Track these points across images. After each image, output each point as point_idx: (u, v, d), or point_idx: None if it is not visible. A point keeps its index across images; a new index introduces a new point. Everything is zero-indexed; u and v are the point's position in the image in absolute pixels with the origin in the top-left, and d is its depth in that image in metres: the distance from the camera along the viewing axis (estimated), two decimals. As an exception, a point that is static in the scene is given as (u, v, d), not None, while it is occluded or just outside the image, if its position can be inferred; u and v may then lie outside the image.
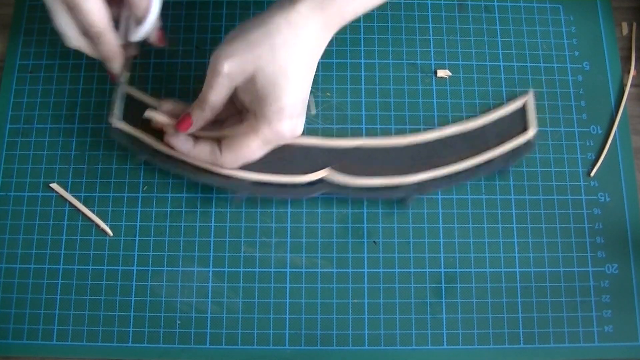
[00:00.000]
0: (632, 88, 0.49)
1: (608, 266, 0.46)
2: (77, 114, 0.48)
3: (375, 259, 0.45)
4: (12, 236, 0.46)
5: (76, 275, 0.45)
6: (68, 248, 0.46)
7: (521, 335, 0.44)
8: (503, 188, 0.47)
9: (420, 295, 0.45)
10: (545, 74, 0.49)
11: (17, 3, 0.51)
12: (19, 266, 0.45)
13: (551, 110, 0.49)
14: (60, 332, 0.44)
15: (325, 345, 0.44)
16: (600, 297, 0.45)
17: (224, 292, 0.45)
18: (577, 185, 0.47)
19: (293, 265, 0.45)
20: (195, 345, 0.44)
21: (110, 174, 0.47)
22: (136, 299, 0.45)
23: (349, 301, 0.45)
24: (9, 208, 0.47)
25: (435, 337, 0.44)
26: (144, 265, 0.45)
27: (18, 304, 0.45)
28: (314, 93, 0.49)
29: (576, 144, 0.48)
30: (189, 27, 0.50)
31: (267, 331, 0.44)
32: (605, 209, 0.47)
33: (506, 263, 0.45)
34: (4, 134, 0.48)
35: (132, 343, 0.44)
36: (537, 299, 0.45)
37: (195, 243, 0.46)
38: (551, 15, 0.51)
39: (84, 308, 0.44)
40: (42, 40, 0.50)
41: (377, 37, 0.50)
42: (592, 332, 0.44)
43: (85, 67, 0.49)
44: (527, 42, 0.50)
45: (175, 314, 0.44)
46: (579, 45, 0.50)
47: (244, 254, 0.46)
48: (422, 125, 0.48)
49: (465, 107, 0.48)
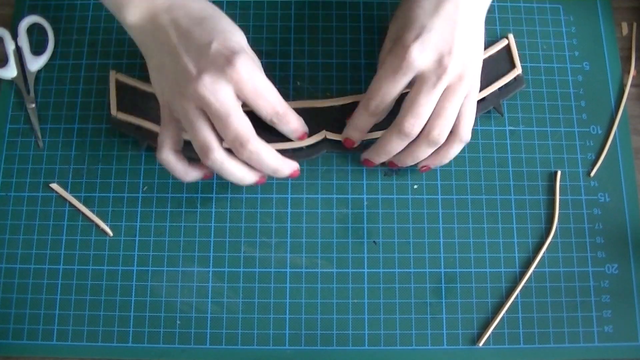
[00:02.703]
0: (632, 88, 0.49)
1: (608, 266, 0.46)
2: (77, 114, 0.48)
3: (375, 259, 0.45)
4: (12, 236, 0.46)
5: (76, 275, 0.45)
6: (68, 248, 0.46)
7: (521, 335, 0.44)
8: (503, 188, 0.47)
9: (420, 295, 0.45)
10: (545, 74, 0.49)
11: (17, 3, 0.51)
12: (19, 266, 0.45)
13: (551, 110, 0.49)
14: (60, 332, 0.44)
15: (325, 345, 0.44)
16: (600, 297, 0.45)
17: (224, 292, 0.45)
18: (577, 185, 0.47)
19: (293, 265, 0.45)
20: (195, 345, 0.44)
21: (110, 174, 0.47)
22: (136, 299, 0.45)
23: (349, 301, 0.45)
24: (9, 208, 0.47)
25: (435, 337, 0.44)
26: (144, 265, 0.45)
27: (18, 304, 0.45)
28: (314, 93, 0.49)
29: (576, 144, 0.48)
30: (189, 27, 0.50)
31: (267, 331, 0.44)
32: (605, 209, 0.47)
33: (506, 263, 0.45)
34: (4, 134, 0.48)
35: (132, 343, 0.44)
36: (537, 299, 0.45)
37: (195, 243, 0.46)
38: (551, 15, 0.51)
39: (84, 308, 0.44)
40: (41, 40, 0.50)
41: (377, 38, 0.50)
42: (592, 332, 0.44)
43: (85, 68, 0.50)
44: (527, 42, 0.50)
45: (175, 314, 0.44)
46: (579, 45, 0.50)
47: (244, 254, 0.46)
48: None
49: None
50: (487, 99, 0.47)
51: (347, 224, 0.46)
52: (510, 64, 0.48)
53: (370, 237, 0.46)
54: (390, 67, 0.40)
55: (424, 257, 0.45)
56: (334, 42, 0.50)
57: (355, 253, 0.46)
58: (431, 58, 0.39)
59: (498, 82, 0.47)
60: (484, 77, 0.46)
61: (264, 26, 0.51)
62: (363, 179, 0.47)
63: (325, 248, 0.46)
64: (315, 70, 0.49)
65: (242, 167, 0.41)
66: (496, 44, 0.49)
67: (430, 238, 0.46)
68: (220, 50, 0.38)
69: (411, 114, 0.40)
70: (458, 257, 0.45)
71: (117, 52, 0.50)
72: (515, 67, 0.48)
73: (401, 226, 0.46)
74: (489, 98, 0.47)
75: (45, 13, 0.50)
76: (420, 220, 0.46)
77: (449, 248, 0.46)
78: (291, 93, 0.49)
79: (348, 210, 0.46)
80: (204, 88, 0.38)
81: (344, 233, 0.46)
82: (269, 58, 0.49)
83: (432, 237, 0.46)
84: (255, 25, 0.50)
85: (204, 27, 0.40)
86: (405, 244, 0.46)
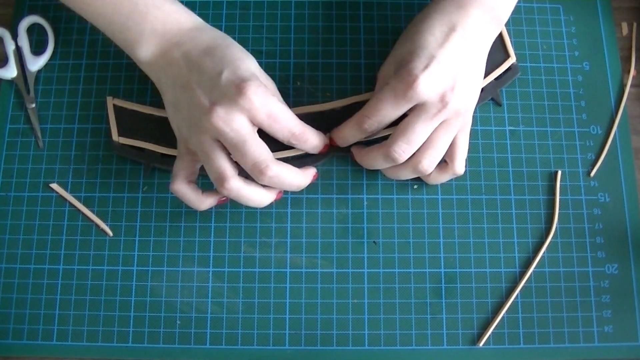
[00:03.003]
0: (632, 88, 0.49)
1: (608, 266, 0.46)
2: (77, 114, 0.48)
3: (375, 259, 0.45)
4: (12, 236, 0.46)
5: (76, 275, 0.45)
6: (68, 248, 0.46)
7: (521, 335, 0.44)
8: (503, 188, 0.47)
9: (420, 295, 0.45)
10: (545, 74, 0.49)
11: (17, 3, 0.51)
12: (19, 266, 0.45)
13: (551, 110, 0.49)
14: (60, 332, 0.44)
15: (325, 345, 0.44)
16: (600, 297, 0.45)
17: (224, 292, 0.45)
18: (577, 185, 0.47)
19: (293, 265, 0.45)
20: (195, 345, 0.44)
21: (110, 174, 0.47)
22: (136, 299, 0.45)
23: (349, 301, 0.45)
24: (9, 208, 0.47)
25: (435, 337, 0.44)
26: (144, 265, 0.45)
27: (18, 304, 0.45)
28: (314, 93, 0.49)
29: (576, 144, 0.48)
30: (189, 27, 0.50)
31: (267, 331, 0.44)
32: (605, 209, 0.47)
33: (506, 263, 0.45)
34: (4, 134, 0.48)
35: (132, 343, 0.44)
36: (537, 299, 0.45)
37: (195, 243, 0.46)
38: (551, 15, 0.51)
39: (84, 308, 0.44)
40: (41, 40, 0.50)
41: (377, 38, 0.50)
42: (592, 332, 0.44)
43: (85, 68, 0.50)
44: (527, 42, 0.50)
45: (175, 314, 0.44)
46: (579, 45, 0.50)
47: (244, 254, 0.46)
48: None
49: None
50: (485, 90, 0.47)
51: (347, 224, 0.46)
52: (505, 53, 0.48)
53: (370, 237, 0.46)
54: (394, 92, 0.40)
55: (424, 257, 0.45)
56: (334, 42, 0.50)
57: (355, 253, 0.46)
58: (436, 91, 0.39)
59: (494, 72, 0.47)
60: None
61: (264, 26, 0.51)
62: (363, 179, 0.47)
63: (325, 248, 0.46)
64: (315, 70, 0.49)
65: (259, 190, 0.41)
66: None
67: (430, 238, 0.46)
68: (230, 79, 0.38)
69: (404, 139, 0.40)
70: (458, 257, 0.45)
71: (118, 52, 0.50)
72: (510, 57, 0.48)
73: (401, 226, 0.46)
74: (487, 88, 0.47)
75: (45, 13, 0.50)
76: (420, 220, 0.46)
77: (449, 248, 0.46)
78: (291, 93, 0.49)
79: (348, 210, 0.46)
80: (217, 119, 0.38)
81: (344, 233, 0.46)
82: (269, 58, 0.49)
83: (432, 237, 0.46)
84: (255, 25, 0.51)
85: (214, 57, 0.40)
86: (405, 244, 0.46)
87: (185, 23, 0.42)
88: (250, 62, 0.41)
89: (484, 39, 0.42)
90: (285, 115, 0.40)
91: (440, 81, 0.39)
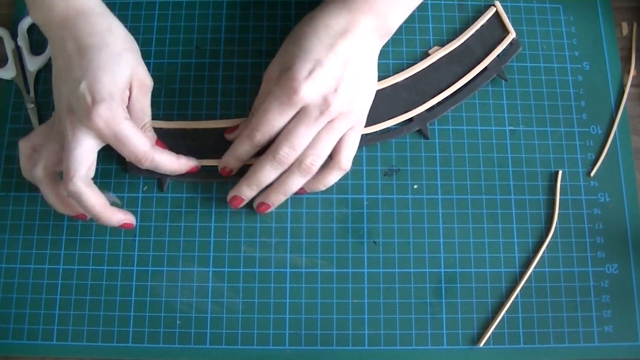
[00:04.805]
0: (632, 88, 0.49)
1: (608, 266, 0.46)
2: (77, 114, 0.48)
3: (375, 259, 0.45)
4: (12, 236, 0.46)
5: (76, 275, 0.45)
6: (68, 248, 0.46)
7: (521, 335, 0.44)
8: (503, 188, 0.47)
9: (420, 295, 0.45)
10: (545, 74, 0.49)
11: (17, 3, 0.51)
12: (19, 266, 0.45)
13: (551, 110, 0.49)
14: (60, 332, 0.44)
15: (325, 345, 0.44)
16: (600, 297, 0.45)
17: (224, 292, 0.45)
18: (577, 185, 0.47)
19: (293, 265, 0.45)
20: (195, 345, 0.44)
21: (110, 174, 0.47)
22: (136, 299, 0.45)
23: (349, 301, 0.45)
24: (9, 208, 0.47)
25: (435, 337, 0.44)
26: (144, 265, 0.45)
27: (18, 304, 0.45)
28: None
29: (576, 144, 0.48)
30: (189, 27, 0.50)
31: (267, 331, 0.44)
32: (605, 209, 0.47)
33: (506, 263, 0.45)
34: (4, 134, 0.48)
35: (132, 343, 0.44)
36: (537, 299, 0.45)
37: (195, 243, 0.46)
38: (551, 15, 0.51)
39: (84, 308, 0.44)
40: (41, 40, 0.50)
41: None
42: (592, 332, 0.44)
43: (85, 67, 0.49)
44: (527, 42, 0.50)
45: (175, 314, 0.44)
46: (579, 45, 0.50)
47: (244, 254, 0.46)
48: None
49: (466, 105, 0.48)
50: (488, 68, 0.48)
51: (347, 224, 0.46)
52: (504, 30, 0.49)
53: (370, 237, 0.46)
54: (279, 100, 0.40)
55: (424, 257, 0.45)
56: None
57: (355, 253, 0.46)
58: (318, 94, 0.40)
59: (496, 49, 0.48)
60: (481, 47, 0.48)
61: (264, 26, 0.51)
62: (363, 179, 0.47)
63: (325, 248, 0.46)
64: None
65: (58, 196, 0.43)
66: (484, 13, 0.50)
67: (430, 238, 0.46)
68: (83, 95, 0.39)
69: (287, 143, 0.41)
70: (458, 257, 0.45)
71: (117, 52, 0.50)
72: (510, 32, 0.49)
73: (401, 226, 0.46)
74: (491, 66, 0.48)
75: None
76: (420, 220, 0.46)
77: (449, 248, 0.46)
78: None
79: (348, 210, 0.46)
80: (67, 128, 0.40)
81: (344, 233, 0.46)
82: (269, 58, 0.49)
83: (432, 237, 0.46)
84: (255, 25, 0.50)
85: (83, 60, 0.40)
86: (405, 244, 0.46)
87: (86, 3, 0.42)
88: (115, 74, 0.40)
89: (372, 45, 0.42)
90: (131, 139, 0.40)
91: (323, 84, 0.40)
